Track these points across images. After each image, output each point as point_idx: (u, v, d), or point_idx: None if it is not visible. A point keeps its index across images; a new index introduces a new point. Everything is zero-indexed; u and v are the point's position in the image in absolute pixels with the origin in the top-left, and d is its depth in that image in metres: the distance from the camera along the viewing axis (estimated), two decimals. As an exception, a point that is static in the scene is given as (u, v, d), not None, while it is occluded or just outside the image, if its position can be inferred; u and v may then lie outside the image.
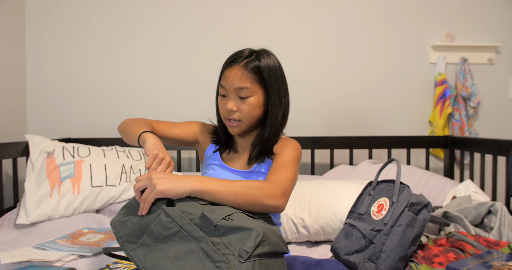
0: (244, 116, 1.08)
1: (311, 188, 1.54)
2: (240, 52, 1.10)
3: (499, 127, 2.31)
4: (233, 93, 1.07)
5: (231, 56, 1.10)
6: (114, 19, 2.21)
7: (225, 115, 1.10)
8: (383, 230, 1.00)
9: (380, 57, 2.28)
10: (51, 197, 1.63)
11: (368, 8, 2.27)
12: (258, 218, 0.88)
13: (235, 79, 1.06)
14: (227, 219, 0.80)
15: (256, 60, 1.07)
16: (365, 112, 2.29)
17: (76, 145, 1.85)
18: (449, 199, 1.63)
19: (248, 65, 1.06)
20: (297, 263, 0.95)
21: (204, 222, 0.80)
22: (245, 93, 1.06)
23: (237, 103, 1.07)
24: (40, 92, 2.21)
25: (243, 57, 1.08)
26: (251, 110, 1.08)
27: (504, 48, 2.31)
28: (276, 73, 1.11)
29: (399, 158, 2.27)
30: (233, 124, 1.10)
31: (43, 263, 1.11)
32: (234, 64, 1.07)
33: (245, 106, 1.07)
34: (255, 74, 1.07)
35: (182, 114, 2.23)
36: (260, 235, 0.78)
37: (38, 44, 2.20)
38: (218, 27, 2.23)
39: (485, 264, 0.91)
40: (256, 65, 1.07)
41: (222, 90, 1.09)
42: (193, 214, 0.82)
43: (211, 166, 1.16)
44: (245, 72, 1.06)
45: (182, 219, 0.81)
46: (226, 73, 1.08)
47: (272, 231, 0.84)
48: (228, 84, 1.07)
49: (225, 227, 0.79)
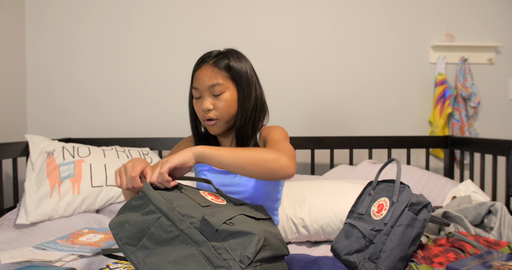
0: (221, 114, 1.10)
1: (311, 188, 1.54)
2: (208, 53, 1.13)
3: (499, 127, 2.31)
4: (206, 92, 1.09)
5: (200, 58, 1.13)
6: (114, 19, 2.21)
7: (203, 116, 1.11)
8: (383, 230, 1.00)
9: (380, 57, 2.28)
10: (51, 197, 1.63)
11: (368, 8, 2.27)
12: (260, 219, 0.88)
13: (206, 77, 1.08)
14: (228, 223, 0.79)
15: (225, 58, 1.10)
16: (365, 112, 2.29)
17: (76, 145, 1.85)
18: (449, 199, 1.63)
19: (217, 63, 1.10)
20: (295, 261, 0.96)
21: (205, 226, 0.79)
22: (218, 89, 1.08)
23: (212, 101, 1.09)
24: (40, 92, 2.21)
25: (211, 56, 1.11)
26: (226, 105, 1.09)
27: (504, 48, 2.31)
28: (244, 68, 1.13)
29: (399, 158, 2.27)
30: (211, 123, 1.11)
31: (43, 263, 1.11)
32: (203, 64, 1.10)
33: (220, 103, 1.09)
34: (226, 71, 1.10)
35: (182, 114, 2.23)
36: (262, 240, 0.77)
37: (38, 44, 2.20)
38: (218, 27, 2.23)
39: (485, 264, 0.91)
40: (225, 63, 1.10)
41: (195, 92, 1.11)
42: (194, 218, 0.80)
43: (202, 172, 1.18)
44: (215, 69, 1.09)
45: (183, 222, 0.80)
46: (197, 74, 1.10)
47: (274, 235, 0.84)
48: (201, 84, 1.09)
49: (226, 232, 0.78)
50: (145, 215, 0.84)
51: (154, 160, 1.94)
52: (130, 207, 0.88)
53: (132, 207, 0.88)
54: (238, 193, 1.14)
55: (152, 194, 0.84)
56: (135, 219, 0.85)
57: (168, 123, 2.24)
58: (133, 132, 2.22)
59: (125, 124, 2.23)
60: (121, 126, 2.23)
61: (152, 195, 0.84)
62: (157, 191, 0.86)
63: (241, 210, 0.88)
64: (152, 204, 0.84)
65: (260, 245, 0.76)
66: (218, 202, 0.91)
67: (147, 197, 0.85)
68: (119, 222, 0.87)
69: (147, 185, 0.87)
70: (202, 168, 1.18)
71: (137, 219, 0.84)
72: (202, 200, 0.87)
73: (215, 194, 0.97)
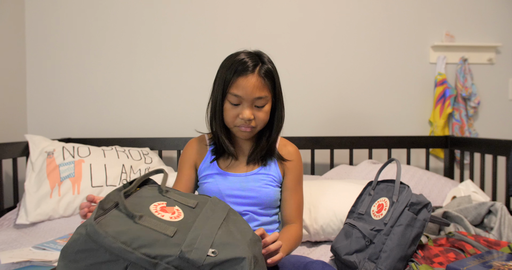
0: (259, 123, 1.11)
1: (311, 188, 1.54)
2: (242, 59, 1.08)
3: (499, 127, 2.31)
4: (249, 102, 1.07)
5: (237, 63, 1.07)
6: (114, 19, 2.21)
7: (238, 123, 1.10)
8: (383, 230, 1.00)
9: (380, 57, 2.28)
10: (51, 197, 1.63)
11: (368, 8, 2.27)
12: (227, 218, 0.82)
13: (254, 89, 1.06)
14: (211, 254, 0.70)
15: (270, 69, 1.09)
16: (365, 112, 2.29)
17: (76, 145, 1.85)
18: (449, 199, 1.63)
19: (264, 74, 1.08)
20: (289, 264, 0.94)
21: (184, 263, 0.68)
22: (262, 102, 1.09)
23: (253, 111, 1.09)
24: (40, 92, 2.21)
25: (252, 63, 1.07)
26: (265, 117, 1.12)
27: (504, 48, 2.31)
28: (279, 80, 1.14)
29: (399, 158, 2.27)
30: (247, 129, 1.11)
31: (43, 263, 1.11)
32: (247, 72, 1.06)
33: (261, 114, 1.10)
34: (270, 84, 1.09)
35: (182, 114, 2.24)
36: (252, 261, 0.71)
37: (38, 44, 2.20)
38: (218, 28, 2.23)
39: (485, 264, 0.91)
40: (271, 76, 1.09)
41: (234, 99, 1.08)
42: (169, 256, 0.67)
43: (209, 176, 1.17)
44: (262, 81, 1.07)
45: (157, 266, 0.66)
46: (242, 82, 1.06)
47: (254, 241, 0.79)
48: (246, 93, 1.06)
49: (211, 264, 0.68)
50: (106, 264, 0.66)
51: (154, 160, 1.93)
52: (79, 252, 0.67)
53: (81, 251, 0.67)
54: (248, 198, 1.14)
55: (105, 241, 0.65)
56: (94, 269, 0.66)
57: (168, 123, 2.24)
58: (133, 132, 2.22)
59: (125, 124, 2.23)
60: (121, 126, 2.23)
61: (106, 243, 0.65)
62: (107, 233, 0.66)
63: (209, 220, 0.79)
64: (110, 253, 0.66)
65: (252, 267, 0.70)
66: (176, 220, 0.77)
67: (101, 246, 0.66)
68: None
69: (94, 227, 0.66)
70: (212, 171, 1.17)
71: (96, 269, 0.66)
72: (165, 226, 0.72)
73: (163, 206, 0.80)
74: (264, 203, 1.15)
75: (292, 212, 1.18)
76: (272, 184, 1.17)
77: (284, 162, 1.20)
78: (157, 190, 0.85)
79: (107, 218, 0.71)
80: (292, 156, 1.21)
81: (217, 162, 1.17)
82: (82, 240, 0.67)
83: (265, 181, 1.16)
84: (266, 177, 1.16)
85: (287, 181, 1.19)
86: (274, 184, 1.18)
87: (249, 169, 1.17)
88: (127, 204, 0.74)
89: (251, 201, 1.14)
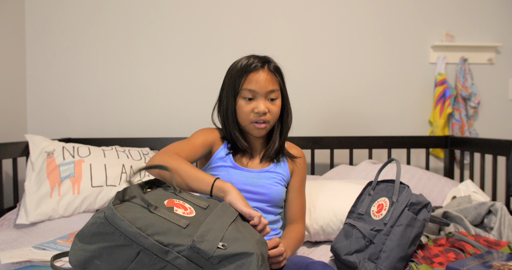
0: (273, 117, 1.16)
1: (311, 188, 1.54)
2: (249, 60, 1.14)
3: (499, 127, 2.31)
4: (263, 96, 1.12)
5: (245, 65, 1.13)
6: (114, 19, 2.21)
7: (254, 118, 1.13)
8: (383, 230, 1.00)
9: (380, 57, 2.28)
10: (51, 197, 1.63)
11: (368, 8, 2.27)
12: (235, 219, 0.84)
13: (267, 82, 1.12)
14: (221, 247, 0.72)
15: (271, 62, 1.16)
16: (365, 112, 2.29)
17: (76, 145, 1.85)
18: (449, 199, 1.63)
19: (274, 69, 1.15)
20: (291, 263, 0.96)
21: (195, 254, 0.70)
22: (274, 95, 1.14)
23: (267, 105, 1.13)
24: (40, 92, 2.21)
25: (260, 62, 1.13)
26: (278, 110, 1.17)
27: (504, 48, 2.31)
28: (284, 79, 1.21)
29: (399, 158, 2.27)
30: (262, 125, 1.14)
31: (43, 263, 1.11)
32: (258, 68, 1.12)
33: (274, 107, 1.15)
34: (279, 76, 1.16)
35: (182, 114, 2.24)
36: (260, 258, 0.72)
37: (38, 44, 2.20)
38: (219, 28, 2.23)
39: (485, 264, 0.91)
40: (276, 66, 1.17)
41: (248, 93, 1.12)
42: (181, 245, 0.70)
43: (222, 168, 1.17)
44: (273, 76, 1.14)
45: (169, 253, 0.69)
46: (254, 77, 1.11)
47: (262, 242, 0.81)
48: (260, 87, 1.11)
49: (221, 256, 0.71)
50: (119, 248, 0.69)
51: (154, 160, 1.93)
52: (95, 235, 0.70)
53: (97, 234, 0.70)
54: (258, 194, 1.16)
55: (122, 224, 0.68)
56: (108, 253, 0.69)
57: (168, 123, 2.24)
58: (133, 132, 2.22)
59: (125, 124, 2.23)
60: (121, 126, 2.23)
61: (123, 226, 0.68)
62: (124, 217, 0.69)
63: (220, 218, 0.81)
64: (124, 236, 0.69)
65: (260, 264, 0.72)
66: (189, 215, 0.80)
67: (116, 229, 0.69)
68: (87, 258, 0.70)
69: (112, 211, 0.69)
70: (226, 163, 1.17)
71: (110, 252, 0.69)
72: (178, 218, 0.75)
73: (179, 202, 0.84)
74: (273, 201, 1.18)
75: (297, 213, 1.24)
76: (281, 183, 1.21)
77: (292, 163, 1.25)
78: (171, 191, 0.90)
79: (124, 206, 0.74)
80: (300, 155, 1.28)
81: (232, 155, 1.19)
82: (99, 223, 0.70)
83: (276, 179, 1.19)
84: (276, 176, 1.20)
85: (294, 182, 1.25)
86: (282, 183, 1.22)
87: (262, 166, 1.21)
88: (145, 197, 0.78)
89: (260, 198, 1.16)
